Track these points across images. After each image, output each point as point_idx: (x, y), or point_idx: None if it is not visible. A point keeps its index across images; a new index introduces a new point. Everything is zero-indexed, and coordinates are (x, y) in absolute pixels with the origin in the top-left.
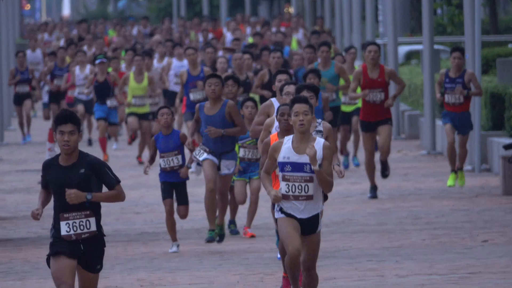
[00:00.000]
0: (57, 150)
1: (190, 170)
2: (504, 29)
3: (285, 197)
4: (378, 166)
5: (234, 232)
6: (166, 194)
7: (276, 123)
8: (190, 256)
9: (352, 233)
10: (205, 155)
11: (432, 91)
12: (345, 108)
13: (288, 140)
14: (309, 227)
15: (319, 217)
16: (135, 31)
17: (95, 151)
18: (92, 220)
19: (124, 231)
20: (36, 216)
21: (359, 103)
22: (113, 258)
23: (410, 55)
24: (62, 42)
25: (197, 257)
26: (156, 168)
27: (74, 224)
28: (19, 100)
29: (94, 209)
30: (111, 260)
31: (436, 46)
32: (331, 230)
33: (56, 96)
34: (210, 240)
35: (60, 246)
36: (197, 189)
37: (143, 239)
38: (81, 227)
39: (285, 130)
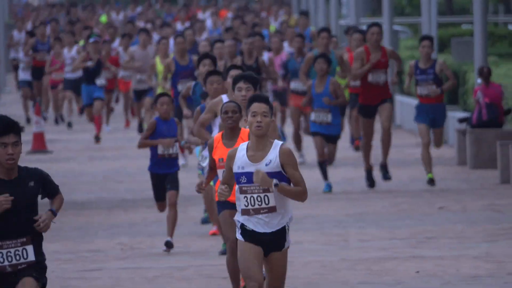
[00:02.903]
0: (43, 124)
1: (181, 163)
2: (459, 10)
3: (245, 212)
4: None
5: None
6: (159, 195)
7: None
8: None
9: (319, 200)
10: (207, 161)
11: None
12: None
13: (243, 147)
14: (275, 243)
15: (286, 231)
16: (121, 16)
17: (79, 131)
18: (30, 248)
19: (106, 198)
20: None
21: None
22: (96, 224)
23: None
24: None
25: None
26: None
27: (8, 253)
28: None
29: (32, 234)
30: (94, 226)
31: (395, 27)
32: None
33: (38, 72)
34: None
35: None
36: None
37: (124, 206)
38: (17, 257)
39: (229, 128)
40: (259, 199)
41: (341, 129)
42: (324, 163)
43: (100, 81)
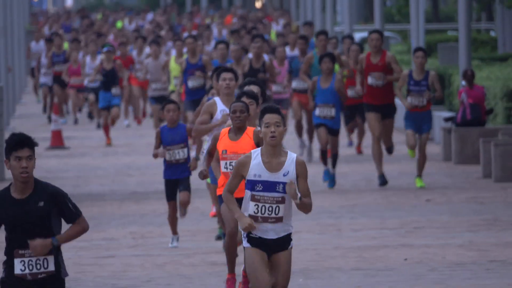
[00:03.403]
0: (61, 121)
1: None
2: (444, 18)
3: (253, 218)
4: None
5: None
6: (170, 195)
7: (218, 116)
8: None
9: (314, 193)
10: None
11: None
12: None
13: (256, 154)
14: (279, 246)
15: (290, 236)
16: (133, 25)
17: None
18: (51, 258)
19: (118, 191)
20: None
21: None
22: (109, 214)
23: (364, 41)
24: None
25: None
26: (147, 150)
27: (30, 262)
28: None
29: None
30: (107, 216)
31: (385, 33)
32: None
33: (59, 80)
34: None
35: (13, 285)
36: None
37: (135, 198)
38: (38, 266)
39: (238, 128)
40: (270, 209)
41: (340, 123)
42: (326, 151)
43: (115, 90)
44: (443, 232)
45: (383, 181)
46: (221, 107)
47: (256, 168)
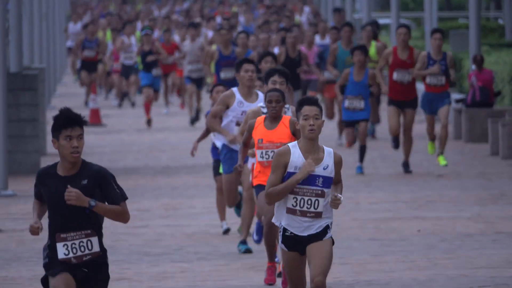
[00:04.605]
0: (98, 100)
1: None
2: (456, 7)
3: (291, 211)
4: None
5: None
6: (218, 172)
7: (235, 107)
8: (204, 186)
9: None
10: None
11: None
12: None
13: (294, 147)
14: (316, 238)
15: (327, 231)
16: (163, 11)
17: (137, 112)
18: (95, 240)
19: (151, 165)
20: (36, 230)
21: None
22: (143, 187)
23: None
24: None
25: (209, 187)
26: (178, 128)
27: (73, 245)
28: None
29: (95, 227)
30: (141, 188)
31: (400, 20)
32: None
33: (88, 66)
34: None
35: (59, 268)
36: None
37: (167, 172)
38: (82, 249)
39: (273, 117)
40: (309, 202)
41: (369, 114)
42: (351, 146)
43: (156, 71)
44: (453, 205)
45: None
46: (239, 98)
47: (297, 160)
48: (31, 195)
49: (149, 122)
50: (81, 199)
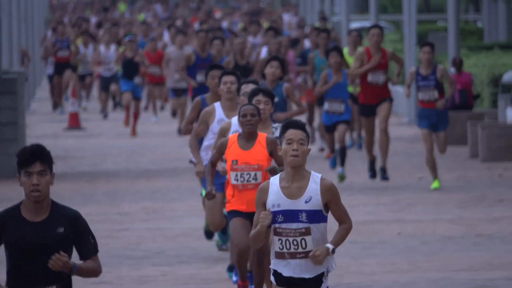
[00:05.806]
0: (77, 105)
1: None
2: (435, 9)
3: (280, 255)
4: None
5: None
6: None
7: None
8: (185, 189)
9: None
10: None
11: None
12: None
13: (275, 179)
14: (313, 286)
15: (322, 280)
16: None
17: (112, 122)
18: None
19: (131, 169)
20: None
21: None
22: (123, 190)
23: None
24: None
25: (190, 190)
26: (158, 132)
27: None
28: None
29: (64, 282)
30: (121, 192)
31: (380, 23)
32: None
33: (62, 67)
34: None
35: None
36: None
37: (147, 175)
38: None
39: (249, 134)
40: (295, 242)
41: (349, 115)
42: (334, 152)
43: (138, 79)
44: (434, 208)
45: (373, 172)
46: (220, 115)
47: (274, 196)
48: (11, 198)
49: (133, 131)
50: (66, 266)
